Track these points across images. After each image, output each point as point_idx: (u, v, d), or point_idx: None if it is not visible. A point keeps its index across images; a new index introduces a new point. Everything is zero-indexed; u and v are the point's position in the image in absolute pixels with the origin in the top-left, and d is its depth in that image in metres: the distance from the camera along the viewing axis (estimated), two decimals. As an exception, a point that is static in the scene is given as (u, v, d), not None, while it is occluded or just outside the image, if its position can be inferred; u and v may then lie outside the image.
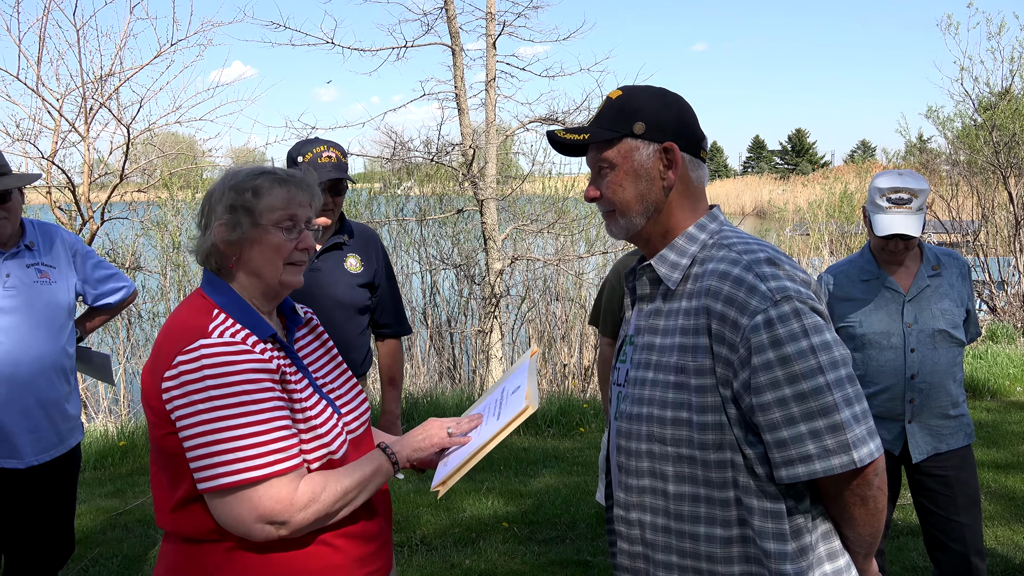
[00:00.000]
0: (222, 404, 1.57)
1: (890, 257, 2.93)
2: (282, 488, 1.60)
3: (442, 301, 11.22)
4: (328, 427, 1.74)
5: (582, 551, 4.36)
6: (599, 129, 1.65)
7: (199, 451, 1.58)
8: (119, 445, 6.28)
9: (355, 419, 1.89)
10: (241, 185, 1.74)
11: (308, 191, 1.80)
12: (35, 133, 8.23)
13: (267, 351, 1.68)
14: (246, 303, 1.74)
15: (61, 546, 3.09)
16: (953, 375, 2.97)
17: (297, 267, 1.79)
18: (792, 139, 69.82)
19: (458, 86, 9.32)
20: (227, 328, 1.66)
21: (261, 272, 1.75)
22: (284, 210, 1.74)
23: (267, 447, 1.59)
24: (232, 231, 1.72)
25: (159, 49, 8.42)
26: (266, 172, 1.77)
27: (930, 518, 3.01)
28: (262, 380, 1.62)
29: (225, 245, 1.73)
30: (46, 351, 2.89)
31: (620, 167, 1.63)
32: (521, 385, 1.86)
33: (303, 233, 1.79)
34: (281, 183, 1.76)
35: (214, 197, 1.76)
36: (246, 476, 1.57)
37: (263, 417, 1.60)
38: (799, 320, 1.47)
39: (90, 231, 8.15)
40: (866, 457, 1.46)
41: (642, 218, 1.65)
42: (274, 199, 1.74)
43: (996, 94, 11.65)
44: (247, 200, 1.72)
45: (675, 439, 1.55)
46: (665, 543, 1.59)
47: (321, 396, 1.79)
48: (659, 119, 1.62)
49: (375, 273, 3.25)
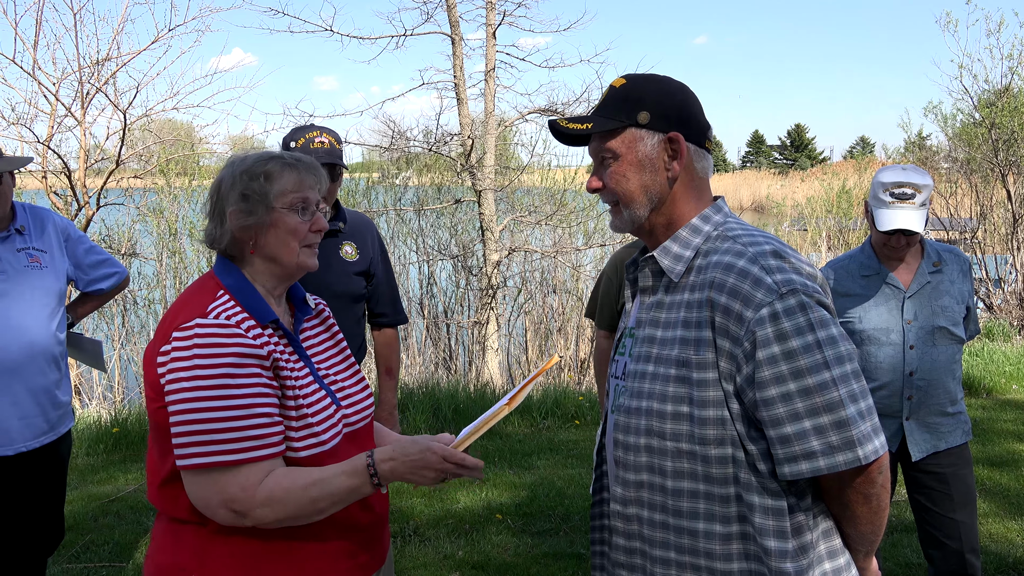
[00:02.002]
0: (205, 385, 1.58)
1: (891, 253, 2.91)
2: (251, 475, 1.59)
3: (439, 292, 11.21)
4: (322, 418, 1.72)
5: (576, 544, 4.35)
6: (603, 118, 1.61)
7: (179, 428, 1.59)
8: (112, 432, 6.25)
9: (356, 412, 1.87)
10: (252, 171, 1.75)
11: (315, 173, 1.82)
12: (31, 117, 8.18)
13: (263, 336, 1.68)
14: (253, 287, 1.75)
15: (51, 533, 3.07)
16: (952, 372, 2.95)
17: (312, 249, 1.80)
18: (791, 134, 69.75)
19: (457, 76, 9.28)
20: (225, 310, 1.66)
21: (278, 255, 1.76)
22: (296, 193, 1.76)
23: (243, 432, 1.59)
24: (247, 217, 1.73)
25: (157, 34, 8.38)
26: (274, 157, 1.78)
27: (926, 515, 3.00)
28: (249, 365, 1.61)
29: (241, 232, 1.74)
30: (36, 337, 2.86)
31: (624, 157, 1.60)
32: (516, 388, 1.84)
33: (315, 215, 1.80)
34: (290, 167, 1.77)
35: (224, 185, 1.77)
36: (217, 460, 1.58)
37: (243, 403, 1.59)
38: (805, 314, 1.44)
39: (86, 217, 8.11)
40: (871, 454, 1.44)
41: (646, 209, 1.61)
42: (286, 183, 1.75)
43: (995, 91, 11.62)
44: (260, 186, 1.74)
45: (674, 434, 1.52)
46: (663, 539, 1.56)
47: (321, 386, 1.78)
48: (664, 108, 1.59)
49: (371, 261, 3.22)
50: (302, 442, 1.68)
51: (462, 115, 9.37)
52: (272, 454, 1.62)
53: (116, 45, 8.19)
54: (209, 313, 1.64)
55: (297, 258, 1.77)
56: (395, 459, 1.65)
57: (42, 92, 8.03)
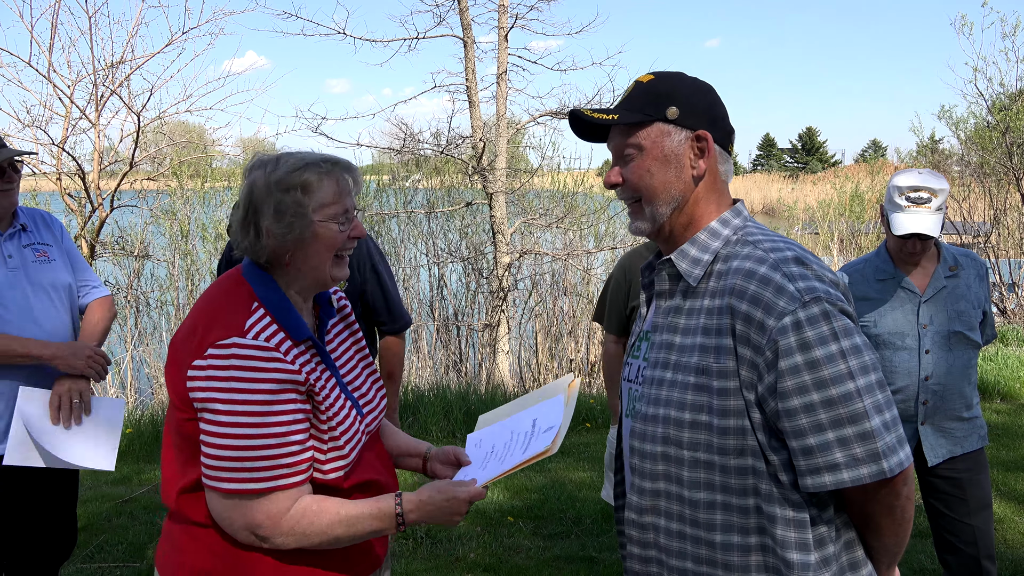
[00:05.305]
0: (241, 411, 1.55)
1: (907, 257, 2.89)
2: (279, 503, 1.59)
3: (449, 294, 11.21)
4: (347, 436, 1.70)
5: (587, 547, 4.34)
6: (629, 112, 1.56)
7: (210, 450, 1.57)
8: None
9: (374, 419, 1.86)
10: (287, 182, 1.65)
11: (351, 172, 1.73)
12: (46, 120, 8.26)
13: (299, 356, 1.65)
14: (288, 301, 1.68)
15: (64, 538, 3.03)
16: (968, 377, 2.93)
17: (343, 259, 1.74)
18: (803, 137, 69.50)
19: (469, 79, 9.30)
20: (263, 328, 1.61)
21: (315, 267, 1.70)
22: (337, 204, 1.68)
23: (275, 460, 1.57)
24: (286, 234, 1.65)
25: (170, 37, 8.45)
26: (310, 164, 1.67)
27: (941, 520, 2.98)
28: (287, 391, 1.59)
29: (279, 247, 1.67)
30: (58, 330, 2.85)
31: (648, 152, 1.55)
32: (555, 426, 1.79)
33: (354, 221, 1.73)
34: (328, 174, 1.67)
35: (256, 193, 1.66)
36: (247, 487, 1.57)
37: (278, 431, 1.57)
38: (828, 323, 1.40)
39: (99, 218, 8.16)
40: (896, 467, 1.40)
41: (668, 207, 1.57)
42: (325, 194, 1.66)
43: (1010, 95, 11.56)
44: (297, 199, 1.64)
45: (692, 443, 1.49)
46: (679, 548, 1.53)
47: (347, 396, 1.76)
48: (694, 105, 1.56)
49: (360, 282, 3.18)
50: (329, 464, 1.67)
51: (474, 118, 9.38)
52: (301, 481, 1.61)
53: (130, 48, 8.27)
54: (247, 332, 1.59)
55: (329, 270, 1.71)
56: (422, 508, 1.69)
57: (57, 95, 8.11)
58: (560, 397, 1.92)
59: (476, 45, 9.31)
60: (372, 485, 1.80)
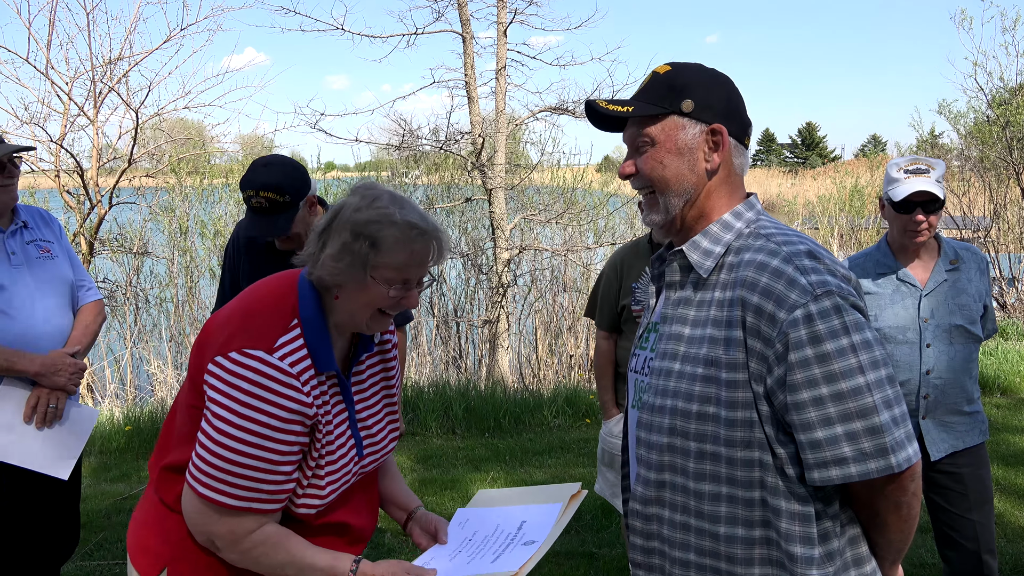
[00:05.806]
0: (244, 425, 1.56)
1: (914, 232, 2.84)
2: (244, 524, 1.61)
3: (449, 290, 11.20)
4: (332, 477, 1.70)
5: (587, 543, 4.33)
6: (644, 103, 1.56)
7: (202, 452, 1.59)
8: (125, 430, 6.28)
9: (373, 460, 1.85)
10: (363, 230, 1.61)
11: (431, 243, 1.67)
12: (44, 116, 8.24)
13: (317, 387, 1.64)
14: (325, 329, 1.67)
15: (66, 536, 3.03)
16: (969, 371, 2.92)
17: (386, 316, 1.71)
18: (802, 132, 69.42)
19: (468, 74, 9.28)
20: (293, 351, 1.60)
21: (353, 313, 1.69)
22: (399, 272, 1.65)
23: (259, 484, 1.59)
24: (341, 271, 1.63)
25: (169, 33, 8.42)
26: (396, 224, 1.62)
27: (942, 515, 2.97)
28: (293, 422, 1.59)
29: (330, 276, 1.65)
30: (62, 327, 2.85)
31: (662, 144, 1.55)
32: (536, 543, 1.75)
33: (410, 292, 1.69)
34: (405, 242, 1.62)
35: (338, 220, 1.64)
36: (223, 500, 1.58)
37: (272, 457, 1.58)
38: (840, 316, 1.40)
39: (98, 215, 8.15)
40: (904, 462, 1.40)
41: (680, 199, 1.57)
42: (391, 258, 1.63)
43: (1010, 90, 11.54)
44: (363, 249, 1.61)
45: (699, 434, 1.48)
46: (683, 540, 1.53)
47: (352, 434, 1.76)
48: (709, 99, 1.55)
49: None
50: (303, 499, 1.68)
51: (473, 113, 9.36)
52: (274, 509, 1.64)
53: (128, 44, 8.28)
54: (276, 350, 1.59)
55: (367, 321, 1.70)
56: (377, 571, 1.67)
57: (55, 91, 8.10)
58: (558, 507, 1.89)
59: (475, 40, 9.30)
60: (344, 528, 1.79)
